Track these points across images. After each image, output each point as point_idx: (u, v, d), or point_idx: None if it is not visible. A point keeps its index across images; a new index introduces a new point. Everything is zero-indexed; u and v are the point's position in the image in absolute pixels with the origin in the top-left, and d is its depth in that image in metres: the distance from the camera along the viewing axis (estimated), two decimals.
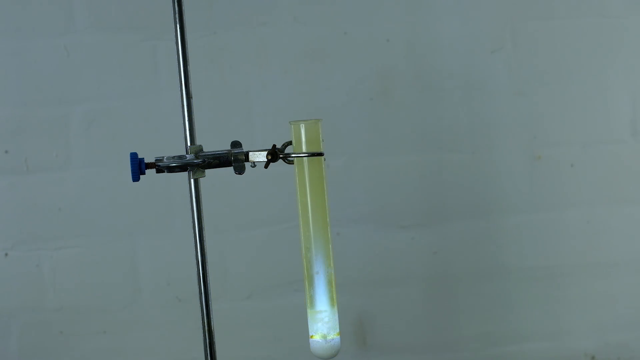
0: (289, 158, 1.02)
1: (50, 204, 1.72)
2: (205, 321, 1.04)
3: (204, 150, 1.03)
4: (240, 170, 1.02)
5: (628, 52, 1.81)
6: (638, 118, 1.81)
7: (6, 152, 1.71)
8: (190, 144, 1.03)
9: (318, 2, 1.75)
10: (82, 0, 1.70)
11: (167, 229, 1.74)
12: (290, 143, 1.02)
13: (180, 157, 1.01)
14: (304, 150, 1.00)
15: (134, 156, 1.00)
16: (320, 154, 1.01)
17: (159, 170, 1.01)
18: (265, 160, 1.02)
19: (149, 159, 1.01)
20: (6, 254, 1.73)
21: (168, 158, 1.01)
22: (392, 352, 1.81)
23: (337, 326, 1.02)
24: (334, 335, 1.02)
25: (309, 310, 1.02)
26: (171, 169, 1.00)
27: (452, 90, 1.78)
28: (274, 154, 1.01)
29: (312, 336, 1.02)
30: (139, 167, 1.00)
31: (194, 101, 1.04)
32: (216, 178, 1.26)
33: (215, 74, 1.73)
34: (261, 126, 1.74)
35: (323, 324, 1.01)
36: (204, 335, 1.04)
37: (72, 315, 1.74)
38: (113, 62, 1.72)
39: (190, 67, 1.04)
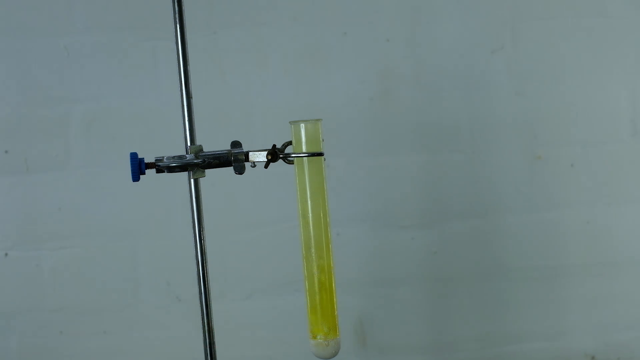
0: (289, 158, 1.02)
1: (50, 204, 1.72)
2: (205, 321, 1.04)
3: (204, 150, 1.03)
4: (240, 170, 1.02)
5: (628, 52, 1.81)
6: (638, 118, 1.81)
7: (6, 152, 1.71)
8: (190, 144, 1.03)
9: (318, 2, 1.75)
10: (82, 0, 1.70)
11: (167, 229, 1.74)
12: (290, 143, 1.02)
13: (180, 157, 1.01)
14: (304, 150, 1.00)
15: (134, 156, 1.00)
16: (320, 154, 1.01)
17: (159, 170, 1.00)
18: (265, 160, 1.02)
19: (149, 159, 1.01)
20: (6, 254, 1.73)
21: (168, 158, 1.01)
22: (392, 352, 1.81)
23: (337, 326, 1.02)
24: (334, 336, 1.02)
25: (308, 311, 1.02)
26: (171, 169, 1.00)
27: (452, 90, 1.78)
28: (274, 154, 1.01)
29: (312, 336, 1.02)
30: (139, 167, 1.00)
31: (194, 101, 1.04)
32: (216, 178, 1.26)
33: (215, 74, 1.73)
34: (261, 126, 1.74)
35: (323, 324, 1.01)
36: (204, 335, 1.04)
37: (72, 315, 1.74)
38: (113, 62, 1.72)
39: (190, 67, 1.04)
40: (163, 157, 1.01)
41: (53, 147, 1.72)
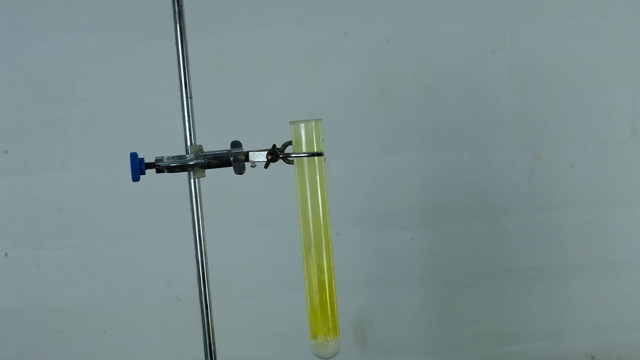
0: (289, 158, 1.01)
1: (50, 204, 1.72)
2: (205, 321, 1.04)
3: (204, 150, 1.03)
4: (240, 170, 1.02)
5: (628, 52, 1.81)
6: (638, 118, 1.81)
7: (6, 152, 1.71)
8: (190, 144, 1.03)
9: (318, 2, 1.75)
10: (82, 0, 1.71)
11: (167, 229, 1.74)
12: (290, 143, 1.02)
13: (180, 157, 1.01)
14: (304, 150, 1.00)
15: (134, 156, 1.00)
16: (320, 154, 1.01)
17: (159, 170, 1.00)
18: (265, 160, 1.02)
19: (149, 159, 1.01)
20: (6, 254, 1.73)
21: (168, 158, 1.01)
22: (392, 352, 1.81)
23: (337, 326, 1.02)
24: (334, 336, 1.02)
25: (308, 311, 1.02)
26: (171, 169, 1.00)
27: (452, 90, 1.78)
28: (274, 154, 1.01)
29: (312, 336, 1.02)
30: (139, 167, 1.00)
31: (194, 101, 1.04)
32: (216, 178, 1.26)
33: (215, 74, 1.73)
34: (261, 126, 1.74)
35: (323, 325, 1.01)
36: (204, 335, 1.04)
37: (72, 315, 1.74)
38: (113, 62, 1.72)
39: (190, 67, 1.04)
40: (163, 157, 1.01)
41: (53, 147, 1.72)
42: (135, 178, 1.00)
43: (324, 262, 1.01)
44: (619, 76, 1.81)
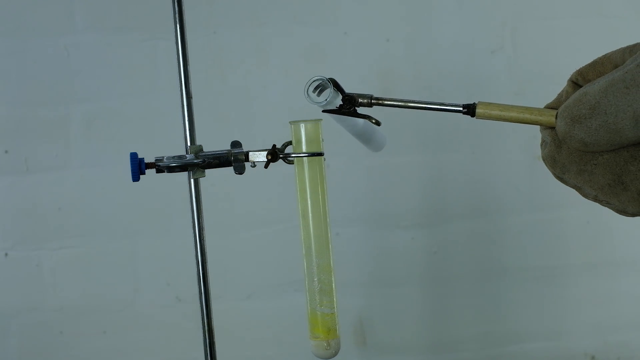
0: (289, 158, 1.01)
1: (50, 204, 1.72)
2: (205, 321, 1.04)
3: (204, 150, 1.03)
4: (240, 170, 1.02)
5: None
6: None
7: (6, 152, 1.71)
8: (190, 144, 1.03)
9: (318, 2, 1.75)
10: (82, 0, 1.71)
11: (167, 229, 1.74)
12: (290, 143, 1.02)
13: (180, 157, 1.01)
14: (304, 150, 1.00)
15: (134, 156, 1.00)
16: (320, 154, 1.01)
17: (159, 170, 1.00)
18: (265, 160, 1.02)
19: (149, 159, 1.01)
20: (6, 254, 1.73)
21: (168, 158, 1.00)
22: (392, 352, 1.81)
23: (337, 327, 1.02)
24: (333, 336, 1.02)
25: (308, 311, 1.02)
26: (171, 169, 1.00)
27: (452, 90, 1.78)
28: (274, 154, 1.01)
29: (311, 337, 1.02)
30: (139, 167, 0.99)
31: (194, 101, 1.04)
32: (216, 178, 1.26)
33: (215, 74, 1.73)
34: (261, 126, 1.74)
35: (323, 325, 1.01)
36: (204, 335, 1.04)
37: (72, 315, 1.74)
38: (113, 62, 1.72)
39: (190, 67, 1.04)
40: (163, 157, 1.01)
41: (53, 147, 1.72)
42: (135, 178, 1.00)
43: (324, 262, 1.01)
44: None
